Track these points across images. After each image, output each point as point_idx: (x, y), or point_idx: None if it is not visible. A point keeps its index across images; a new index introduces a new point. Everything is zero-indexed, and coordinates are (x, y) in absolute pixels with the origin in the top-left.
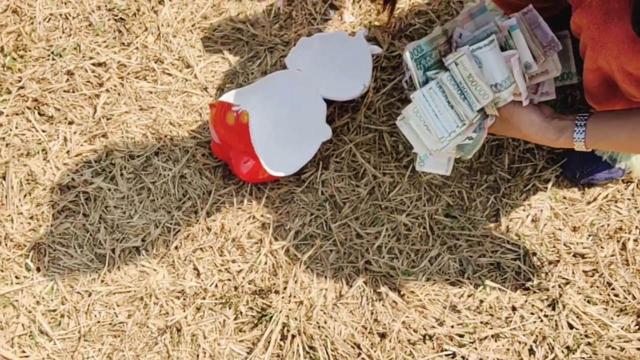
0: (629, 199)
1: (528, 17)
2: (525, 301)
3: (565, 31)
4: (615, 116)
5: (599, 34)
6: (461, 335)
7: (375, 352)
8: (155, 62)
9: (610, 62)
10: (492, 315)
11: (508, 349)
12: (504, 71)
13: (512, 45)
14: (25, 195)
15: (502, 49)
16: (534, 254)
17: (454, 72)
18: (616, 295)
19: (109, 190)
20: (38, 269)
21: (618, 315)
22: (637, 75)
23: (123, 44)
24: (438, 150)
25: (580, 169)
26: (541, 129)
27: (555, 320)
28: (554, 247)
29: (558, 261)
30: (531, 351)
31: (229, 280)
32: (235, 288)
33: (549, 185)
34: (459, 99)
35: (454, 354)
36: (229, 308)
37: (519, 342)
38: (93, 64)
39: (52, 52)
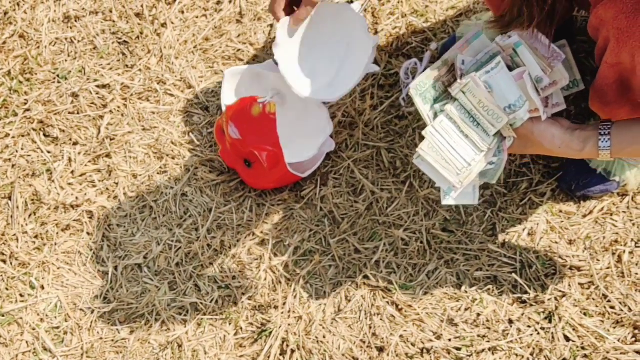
0: (624, 212)
1: (524, 32)
2: (522, 314)
3: (563, 40)
4: (639, 122)
5: (628, 23)
6: (458, 349)
7: None
8: (158, 84)
9: (635, 54)
10: (489, 328)
11: None
12: (516, 91)
13: (519, 62)
14: (30, 215)
15: (509, 68)
16: (531, 267)
17: (462, 101)
18: (612, 308)
19: (112, 209)
20: (42, 287)
21: (614, 327)
22: None
23: (127, 66)
24: (461, 182)
25: (576, 182)
26: (564, 142)
27: (552, 333)
28: (550, 260)
29: (554, 274)
30: None
31: (229, 296)
32: (236, 304)
33: (545, 199)
34: (472, 127)
35: None
36: (229, 324)
37: (516, 355)
38: (97, 86)
39: (58, 75)
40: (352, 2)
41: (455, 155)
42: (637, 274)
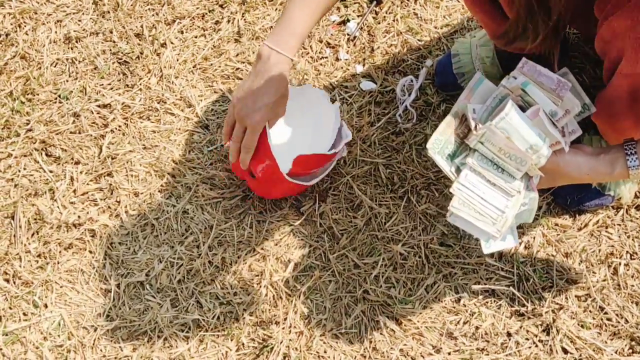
0: (619, 225)
1: (526, 69)
2: (520, 327)
3: (565, 68)
4: None
5: None
6: None
7: None
8: (158, 103)
9: None
10: (488, 341)
11: None
12: (534, 130)
13: (530, 101)
14: (32, 234)
15: (521, 108)
16: (528, 280)
17: (482, 151)
18: (609, 320)
19: (114, 227)
20: (45, 306)
21: (611, 339)
22: None
23: (127, 85)
24: (498, 231)
25: (571, 196)
26: (592, 168)
27: (550, 345)
28: (547, 273)
29: (551, 287)
30: None
31: (231, 312)
32: (237, 320)
33: (541, 212)
34: (497, 174)
35: None
36: (231, 340)
37: None
38: (98, 106)
39: (59, 96)
40: (348, 21)
41: (488, 206)
42: (632, 285)
